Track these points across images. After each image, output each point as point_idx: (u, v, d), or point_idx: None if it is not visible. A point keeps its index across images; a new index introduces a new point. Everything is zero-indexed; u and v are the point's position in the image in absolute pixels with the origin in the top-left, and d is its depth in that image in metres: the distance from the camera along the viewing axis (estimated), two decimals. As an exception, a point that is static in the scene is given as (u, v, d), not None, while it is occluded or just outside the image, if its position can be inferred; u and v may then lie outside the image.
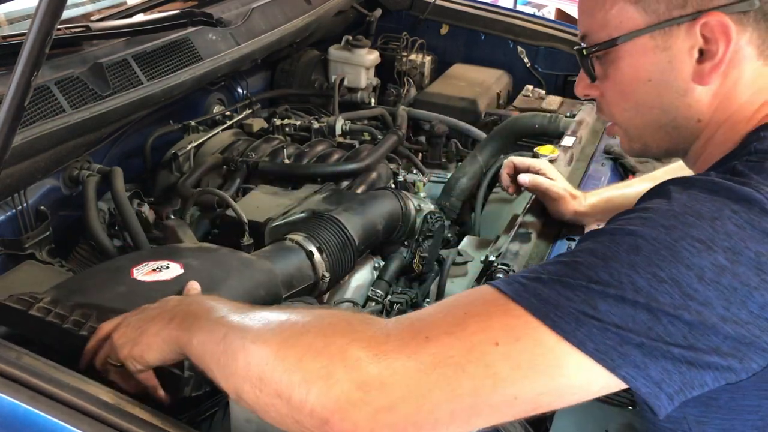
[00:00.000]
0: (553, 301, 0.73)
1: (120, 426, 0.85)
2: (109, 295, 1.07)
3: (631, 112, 0.94)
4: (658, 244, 0.73)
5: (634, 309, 0.71)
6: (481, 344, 0.72)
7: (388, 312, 1.46)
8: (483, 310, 0.75)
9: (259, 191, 1.69)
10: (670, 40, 0.85)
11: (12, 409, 0.87)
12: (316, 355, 0.74)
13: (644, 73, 0.88)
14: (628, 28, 0.87)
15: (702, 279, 0.71)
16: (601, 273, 0.73)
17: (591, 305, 0.71)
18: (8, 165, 1.26)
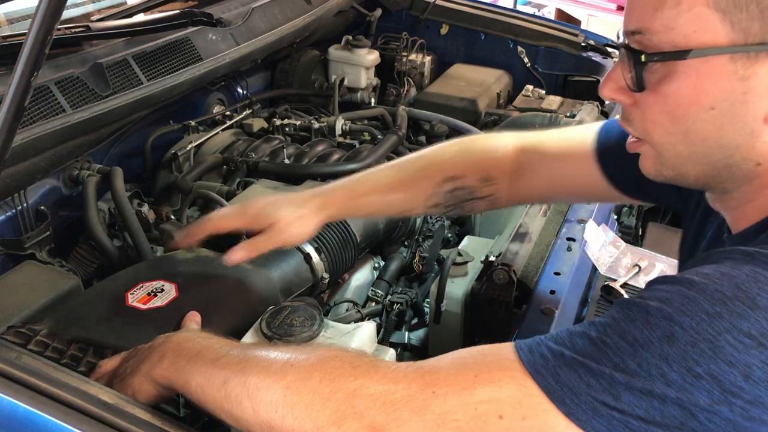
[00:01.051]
0: (571, 384, 0.67)
1: (120, 426, 0.85)
2: (104, 327, 1.08)
3: (677, 137, 0.76)
4: (698, 336, 0.64)
5: (663, 404, 0.64)
6: (486, 414, 0.70)
7: (388, 312, 1.46)
8: (496, 377, 0.72)
9: (259, 185, 1.69)
10: (753, 68, 0.69)
11: (12, 409, 0.87)
12: (325, 402, 0.76)
13: (708, 99, 0.71)
14: (705, 42, 0.69)
15: (749, 378, 0.62)
16: (628, 361, 0.66)
17: (613, 395, 0.66)
18: (8, 165, 1.26)
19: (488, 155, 1.20)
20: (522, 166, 1.18)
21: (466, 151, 1.22)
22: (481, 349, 0.77)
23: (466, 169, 1.19)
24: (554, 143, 1.17)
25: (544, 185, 1.18)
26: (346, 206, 1.20)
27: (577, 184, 1.16)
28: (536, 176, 1.17)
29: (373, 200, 1.20)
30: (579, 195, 1.27)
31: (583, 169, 1.11)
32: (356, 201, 1.20)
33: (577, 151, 1.12)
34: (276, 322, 1.05)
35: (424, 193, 1.19)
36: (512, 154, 1.19)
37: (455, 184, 1.18)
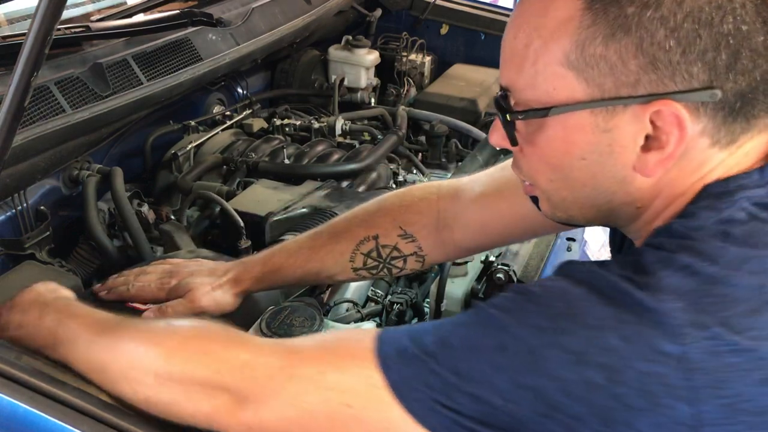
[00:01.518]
0: (413, 381, 0.72)
1: (120, 426, 0.85)
2: None
3: (558, 183, 0.78)
4: (525, 347, 0.67)
5: (494, 410, 0.68)
6: (334, 401, 0.76)
7: (388, 312, 1.46)
8: (349, 364, 0.77)
9: (260, 185, 1.69)
10: (613, 121, 0.71)
11: (12, 409, 0.87)
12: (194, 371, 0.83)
13: (578, 151, 0.74)
14: (564, 99, 0.72)
15: (569, 394, 0.65)
16: (463, 365, 0.70)
17: (448, 395, 0.70)
18: (8, 165, 1.26)
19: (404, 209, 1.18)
20: (447, 222, 1.16)
21: (381, 209, 1.19)
22: (344, 334, 0.85)
23: (381, 226, 1.16)
24: (478, 192, 1.14)
25: (479, 233, 1.15)
26: (261, 280, 1.18)
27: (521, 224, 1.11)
28: (469, 227, 1.15)
29: (293, 272, 1.17)
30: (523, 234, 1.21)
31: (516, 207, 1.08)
32: (273, 275, 1.18)
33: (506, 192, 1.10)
34: (276, 322, 1.05)
35: (344, 257, 1.17)
36: (429, 205, 1.17)
37: (373, 243, 1.16)
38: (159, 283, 1.17)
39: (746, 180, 0.72)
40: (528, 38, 0.74)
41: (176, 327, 0.91)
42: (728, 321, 0.64)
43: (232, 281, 1.16)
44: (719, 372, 0.64)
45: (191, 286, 1.14)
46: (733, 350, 0.64)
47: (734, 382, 0.64)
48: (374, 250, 1.16)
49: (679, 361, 0.63)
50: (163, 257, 1.34)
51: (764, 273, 0.67)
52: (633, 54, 0.68)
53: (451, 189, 1.18)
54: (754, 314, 0.65)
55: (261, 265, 1.18)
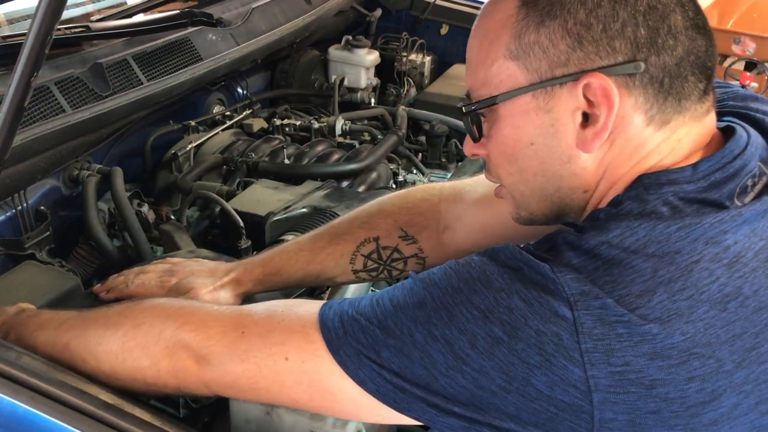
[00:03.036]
0: (346, 338, 0.80)
1: (120, 426, 0.85)
2: None
3: (515, 176, 0.85)
4: (440, 304, 0.75)
5: (411, 363, 0.75)
6: (276, 355, 0.85)
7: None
8: (292, 326, 0.85)
9: (259, 185, 1.69)
10: (553, 101, 0.78)
11: (12, 409, 0.87)
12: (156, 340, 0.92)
13: (526, 135, 0.81)
14: (509, 87, 0.80)
15: (474, 346, 0.72)
16: (389, 321, 0.77)
17: (375, 350, 0.77)
18: (8, 165, 1.26)
19: (404, 210, 1.19)
20: (447, 222, 1.17)
21: (381, 211, 1.20)
22: (293, 302, 0.92)
23: (382, 228, 1.17)
24: (480, 193, 1.16)
25: (481, 235, 1.16)
26: (262, 281, 1.19)
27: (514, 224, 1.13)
28: (471, 228, 1.16)
29: (294, 273, 1.18)
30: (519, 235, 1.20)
31: None
32: (273, 277, 1.19)
33: None
34: (276, 322, 1.05)
35: (344, 259, 1.17)
36: (430, 207, 1.18)
37: (374, 245, 1.17)
38: (159, 281, 1.17)
39: (678, 175, 0.77)
40: (480, 43, 0.83)
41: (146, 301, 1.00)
42: (622, 298, 0.70)
43: (234, 282, 1.16)
44: (608, 339, 0.69)
45: (192, 285, 1.14)
46: (623, 322, 0.69)
47: (623, 352, 0.69)
48: (375, 252, 1.16)
49: (572, 324, 0.70)
50: (163, 257, 1.34)
51: (661, 257, 0.72)
52: (560, 35, 0.76)
53: (453, 190, 1.19)
54: (647, 294, 0.70)
55: (261, 266, 1.18)
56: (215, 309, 0.94)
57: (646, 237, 0.73)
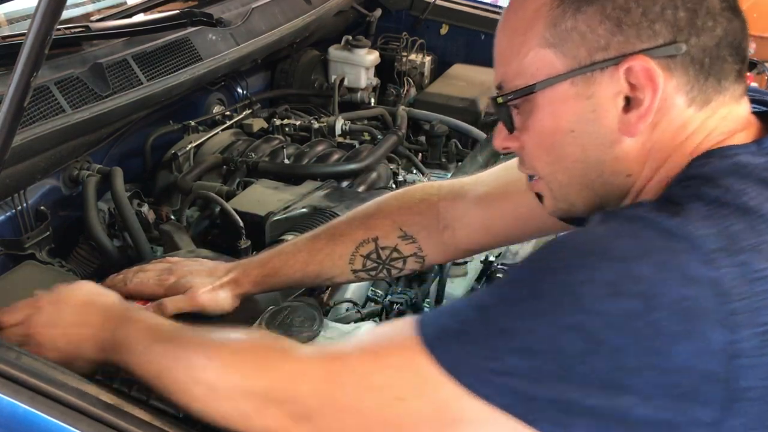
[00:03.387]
0: (461, 355, 0.72)
1: (120, 426, 0.85)
2: None
3: (554, 166, 0.84)
4: (561, 288, 0.69)
5: (543, 361, 0.68)
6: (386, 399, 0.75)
7: (388, 312, 1.46)
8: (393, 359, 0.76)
9: (259, 185, 1.69)
10: (593, 86, 0.77)
11: (12, 409, 0.87)
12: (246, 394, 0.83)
13: (566, 123, 0.79)
14: (547, 74, 0.79)
15: (608, 325, 0.66)
16: (506, 321, 0.71)
17: (498, 360, 0.70)
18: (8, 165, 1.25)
19: (403, 209, 1.18)
20: (449, 222, 1.16)
21: (380, 211, 1.19)
22: (381, 330, 0.84)
23: (380, 228, 1.17)
24: (481, 192, 1.15)
25: (482, 234, 1.16)
26: (260, 283, 1.17)
27: (525, 224, 1.13)
28: (471, 227, 1.15)
29: (292, 274, 1.17)
30: (527, 233, 1.22)
31: (524, 207, 1.10)
32: (272, 278, 1.17)
33: (513, 192, 1.12)
34: (276, 322, 1.05)
35: (343, 259, 1.17)
36: (429, 205, 1.17)
37: (373, 245, 1.16)
38: (158, 280, 1.17)
39: (743, 150, 0.76)
40: (511, 34, 0.82)
41: (230, 339, 0.90)
42: (759, 248, 0.67)
43: (232, 283, 1.16)
44: (752, 298, 0.65)
45: (191, 284, 1.14)
46: (765, 277, 0.66)
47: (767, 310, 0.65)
48: (374, 252, 1.16)
49: (712, 285, 0.65)
50: (163, 257, 1.34)
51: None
52: (599, 20, 0.76)
53: (452, 189, 1.18)
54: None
55: (260, 267, 1.18)
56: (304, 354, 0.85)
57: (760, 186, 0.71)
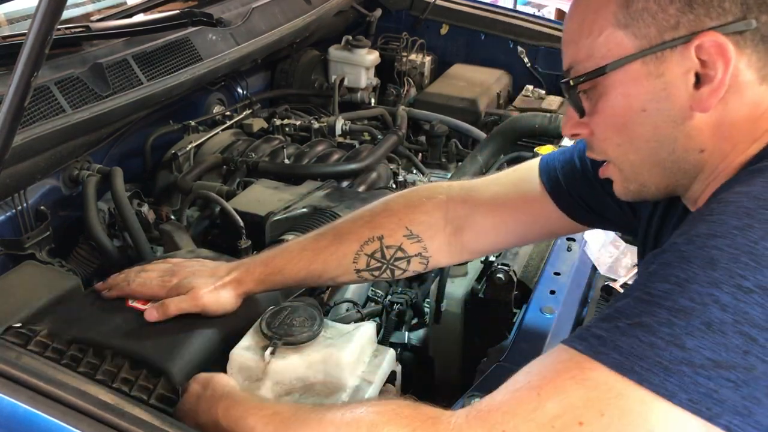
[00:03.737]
0: (636, 351, 0.66)
1: (120, 426, 0.85)
2: (104, 328, 1.07)
3: (625, 146, 0.85)
4: (736, 251, 0.65)
5: (724, 336, 0.63)
6: (566, 427, 0.68)
7: (388, 312, 1.46)
8: (559, 384, 0.69)
9: (260, 185, 1.69)
10: (664, 65, 0.78)
11: (12, 409, 0.87)
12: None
13: (637, 102, 0.81)
14: (618, 55, 0.80)
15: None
16: (680, 300, 0.66)
17: (678, 345, 0.64)
18: (8, 165, 1.26)
19: (410, 209, 1.17)
20: (459, 224, 1.16)
21: (387, 209, 1.18)
22: (529, 367, 0.75)
23: (386, 227, 1.16)
24: (492, 197, 1.15)
25: (490, 236, 1.15)
26: (263, 281, 1.16)
27: (533, 226, 1.14)
28: (481, 232, 1.15)
29: (296, 273, 1.16)
30: (534, 236, 1.23)
31: (538, 210, 1.12)
32: (275, 276, 1.15)
33: (528, 195, 1.13)
34: (276, 322, 1.05)
35: (348, 258, 1.15)
36: (438, 208, 1.17)
37: (378, 244, 1.15)
38: (160, 281, 1.17)
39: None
40: (582, 17, 0.83)
41: (358, 416, 0.80)
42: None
43: (235, 282, 1.16)
44: None
45: (193, 284, 1.14)
46: None
47: None
48: (378, 251, 1.15)
49: None
50: (164, 257, 1.34)
51: None
52: (669, 0, 0.77)
53: (461, 191, 1.18)
54: None
55: (263, 266, 1.18)
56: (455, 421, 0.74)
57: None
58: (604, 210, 1.09)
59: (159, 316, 1.08)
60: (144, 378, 0.98)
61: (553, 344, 1.17)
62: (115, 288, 1.16)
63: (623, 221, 1.10)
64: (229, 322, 1.11)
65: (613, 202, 1.06)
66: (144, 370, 0.99)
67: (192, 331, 1.06)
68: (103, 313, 1.11)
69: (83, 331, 1.06)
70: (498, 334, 1.35)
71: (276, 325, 1.04)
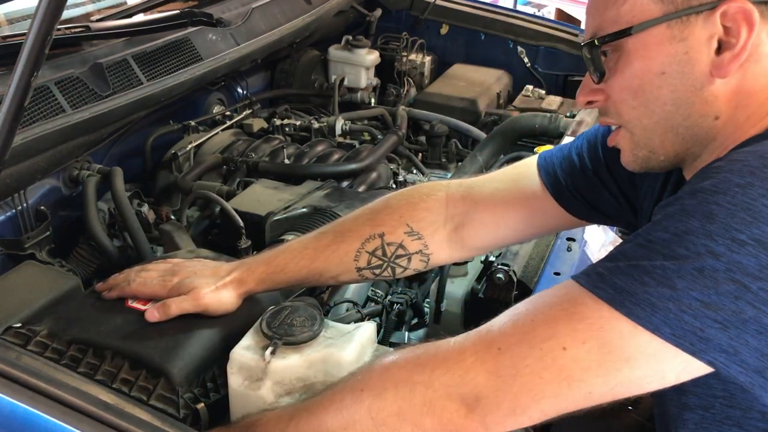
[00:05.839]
0: (629, 288, 0.72)
1: (120, 426, 0.85)
2: (104, 328, 1.07)
3: (640, 110, 0.86)
4: (734, 207, 0.69)
5: (715, 282, 0.68)
6: (552, 350, 0.76)
7: (388, 312, 1.46)
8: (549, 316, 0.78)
9: (259, 185, 1.69)
10: (687, 29, 0.80)
11: (12, 409, 0.87)
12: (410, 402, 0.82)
13: (658, 65, 0.82)
14: (643, 19, 0.82)
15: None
16: (676, 248, 0.71)
17: (668, 285, 0.70)
18: (8, 165, 1.26)
19: (411, 207, 1.17)
20: (460, 221, 1.16)
21: (388, 207, 1.19)
22: (531, 297, 0.83)
23: (387, 224, 1.16)
24: (491, 194, 1.16)
25: (490, 235, 1.16)
26: (265, 280, 1.16)
27: (532, 221, 1.15)
28: (481, 229, 1.16)
29: (298, 272, 1.16)
30: (533, 232, 1.23)
31: (538, 206, 1.13)
32: (277, 275, 1.16)
33: (527, 191, 1.14)
34: (276, 322, 1.05)
35: (349, 256, 1.15)
36: (439, 205, 1.17)
37: (379, 241, 1.15)
38: (161, 281, 1.17)
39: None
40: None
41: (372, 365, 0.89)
42: None
43: (236, 282, 1.16)
44: None
45: (194, 284, 1.14)
46: None
47: None
48: (379, 248, 1.15)
49: None
50: (164, 257, 1.34)
51: None
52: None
53: (461, 188, 1.18)
54: None
55: (265, 265, 1.18)
56: (452, 342, 0.84)
57: None
58: (602, 205, 1.10)
59: (160, 316, 1.08)
60: (144, 378, 0.98)
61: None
62: (116, 288, 1.16)
63: (621, 216, 1.11)
64: (230, 322, 1.11)
65: (611, 196, 1.07)
66: (144, 370, 0.99)
67: (192, 332, 1.06)
68: (103, 314, 1.11)
69: (83, 332, 1.06)
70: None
71: (276, 325, 1.04)
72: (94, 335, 1.05)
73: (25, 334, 1.04)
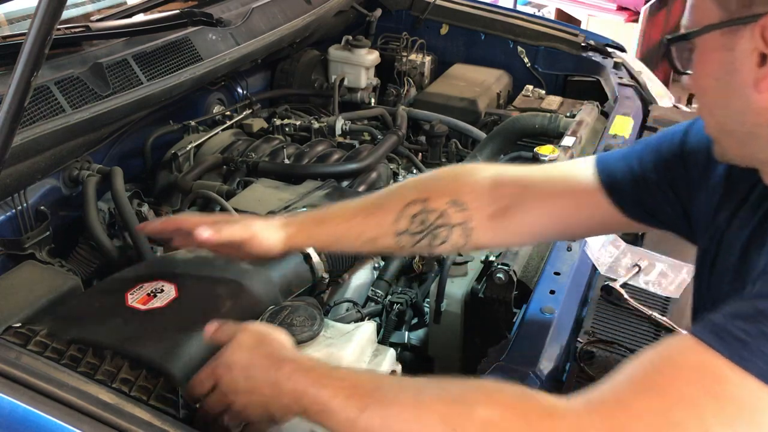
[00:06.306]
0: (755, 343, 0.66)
1: (120, 426, 0.85)
2: (104, 328, 1.07)
3: (704, 110, 0.89)
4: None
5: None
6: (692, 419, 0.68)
7: (388, 312, 1.46)
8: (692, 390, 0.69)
9: (260, 184, 1.69)
10: (735, 39, 0.80)
11: (12, 409, 0.87)
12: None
13: (712, 71, 0.84)
14: (704, 23, 0.83)
15: None
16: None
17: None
18: (8, 165, 1.26)
19: (459, 179, 1.16)
20: (507, 203, 1.13)
21: (435, 177, 1.18)
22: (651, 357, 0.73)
23: (433, 191, 1.14)
24: (543, 181, 1.14)
25: (537, 222, 1.13)
26: (308, 233, 1.15)
27: (583, 219, 1.13)
28: (528, 214, 1.13)
29: (336, 227, 1.15)
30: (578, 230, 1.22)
31: (590, 201, 1.10)
32: (318, 228, 1.15)
33: (581, 188, 1.11)
34: (276, 322, 1.05)
35: (389, 218, 1.12)
36: (488, 183, 1.14)
37: (421, 206, 1.12)
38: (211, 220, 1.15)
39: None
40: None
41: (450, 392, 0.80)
42: None
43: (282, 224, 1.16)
44: None
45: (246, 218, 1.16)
46: None
47: None
48: (421, 213, 1.12)
49: None
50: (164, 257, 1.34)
51: None
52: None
53: (512, 171, 1.17)
54: None
55: (310, 218, 1.19)
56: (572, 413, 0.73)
57: None
58: (658, 212, 1.07)
59: (212, 232, 1.09)
60: (144, 378, 0.98)
61: (552, 344, 1.18)
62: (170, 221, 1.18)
63: (676, 224, 1.09)
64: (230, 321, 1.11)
65: (667, 205, 1.05)
66: (144, 370, 0.99)
67: (192, 331, 1.06)
68: (103, 313, 1.11)
69: (83, 331, 1.06)
70: (498, 334, 1.35)
71: (276, 324, 1.04)
72: (94, 335, 1.05)
73: (25, 333, 1.04)
